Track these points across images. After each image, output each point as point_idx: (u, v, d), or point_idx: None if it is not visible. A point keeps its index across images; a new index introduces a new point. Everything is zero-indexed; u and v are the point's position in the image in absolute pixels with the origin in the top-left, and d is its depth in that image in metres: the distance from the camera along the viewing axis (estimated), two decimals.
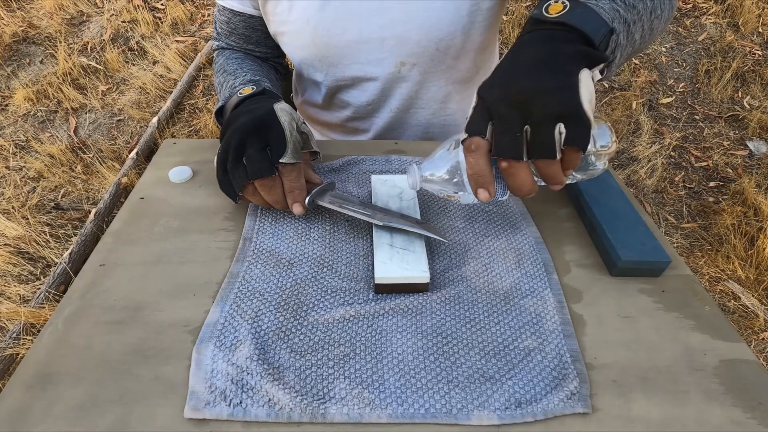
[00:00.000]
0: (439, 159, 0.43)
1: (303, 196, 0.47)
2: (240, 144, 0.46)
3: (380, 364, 0.37)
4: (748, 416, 0.35)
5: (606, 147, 0.41)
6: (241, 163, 0.46)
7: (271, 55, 0.73)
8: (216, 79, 0.67)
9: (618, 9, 0.41)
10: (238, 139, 0.46)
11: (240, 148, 0.46)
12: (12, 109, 2.00)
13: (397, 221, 0.46)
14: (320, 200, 0.48)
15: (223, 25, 0.70)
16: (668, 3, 0.48)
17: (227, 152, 0.46)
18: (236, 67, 0.65)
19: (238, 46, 0.71)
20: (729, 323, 0.42)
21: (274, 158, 0.46)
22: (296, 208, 0.47)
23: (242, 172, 0.46)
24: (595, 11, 0.39)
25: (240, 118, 0.49)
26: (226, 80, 0.62)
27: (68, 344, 0.38)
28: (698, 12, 2.44)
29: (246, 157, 0.46)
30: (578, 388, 0.36)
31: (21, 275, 1.38)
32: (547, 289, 0.44)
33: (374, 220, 0.46)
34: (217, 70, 0.68)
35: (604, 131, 0.42)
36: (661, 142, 1.92)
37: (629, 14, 0.42)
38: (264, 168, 0.45)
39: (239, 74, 0.62)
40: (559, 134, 0.35)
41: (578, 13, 0.39)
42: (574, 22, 0.39)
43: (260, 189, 0.46)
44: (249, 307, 0.41)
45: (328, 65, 0.67)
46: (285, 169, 0.46)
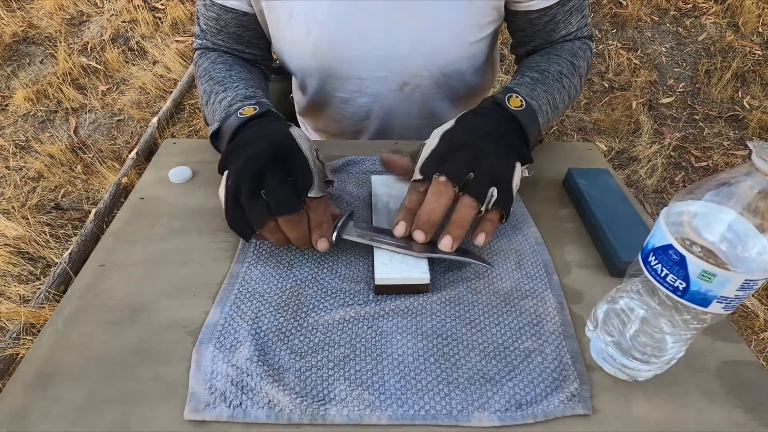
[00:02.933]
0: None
1: (330, 230, 0.43)
2: (258, 174, 0.41)
3: (380, 366, 0.37)
4: (749, 417, 0.35)
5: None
6: (260, 197, 0.41)
7: (260, 58, 0.67)
8: (201, 86, 0.60)
9: (548, 113, 0.53)
10: (256, 168, 0.41)
11: (257, 180, 0.41)
12: (12, 109, 2.00)
13: (437, 252, 0.43)
14: (346, 234, 0.44)
15: (210, 22, 0.63)
16: (580, 84, 0.61)
17: (240, 183, 0.41)
18: (224, 75, 0.58)
19: (226, 46, 0.64)
20: (729, 324, 0.42)
21: (299, 192, 0.42)
22: (322, 244, 0.42)
23: (263, 208, 0.41)
24: (538, 120, 0.50)
25: (252, 143, 0.44)
26: (214, 90, 0.56)
27: (68, 344, 0.38)
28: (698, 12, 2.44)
29: (267, 191, 0.41)
30: (579, 390, 0.36)
31: (21, 275, 1.38)
32: (548, 290, 0.44)
33: (411, 252, 0.43)
34: (201, 75, 0.61)
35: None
36: (661, 142, 1.92)
37: (553, 114, 0.55)
38: (290, 203, 0.41)
39: (229, 85, 0.56)
40: (491, 195, 0.42)
41: (527, 116, 0.48)
42: (523, 123, 0.48)
43: (284, 226, 0.41)
44: (249, 308, 0.41)
45: (326, 76, 0.65)
46: (312, 203, 0.42)
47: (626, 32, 2.38)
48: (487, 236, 0.43)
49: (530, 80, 0.54)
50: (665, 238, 0.30)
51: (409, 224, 0.43)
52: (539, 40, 0.64)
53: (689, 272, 0.29)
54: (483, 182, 0.42)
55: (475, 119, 0.47)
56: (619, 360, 0.36)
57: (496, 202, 0.42)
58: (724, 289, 0.28)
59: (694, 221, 0.30)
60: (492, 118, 0.47)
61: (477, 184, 0.42)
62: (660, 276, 0.31)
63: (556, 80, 0.56)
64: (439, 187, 0.42)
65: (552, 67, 0.57)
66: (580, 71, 0.61)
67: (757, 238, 0.27)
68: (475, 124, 0.46)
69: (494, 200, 0.42)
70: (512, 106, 0.48)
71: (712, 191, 0.29)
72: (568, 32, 0.63)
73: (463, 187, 0.42)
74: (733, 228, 0.28)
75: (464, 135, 0.45)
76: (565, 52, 0.60)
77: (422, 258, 0.43)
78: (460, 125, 0.46)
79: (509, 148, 0.45)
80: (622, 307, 0.37)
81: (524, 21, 0.62)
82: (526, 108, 0.49)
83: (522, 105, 0.49)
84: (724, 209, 0.28)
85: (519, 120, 0.48)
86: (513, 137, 0.46)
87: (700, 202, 0.29)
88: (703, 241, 0.29)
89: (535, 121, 0.49)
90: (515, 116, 0.48)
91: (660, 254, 0.31)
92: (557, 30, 0.62)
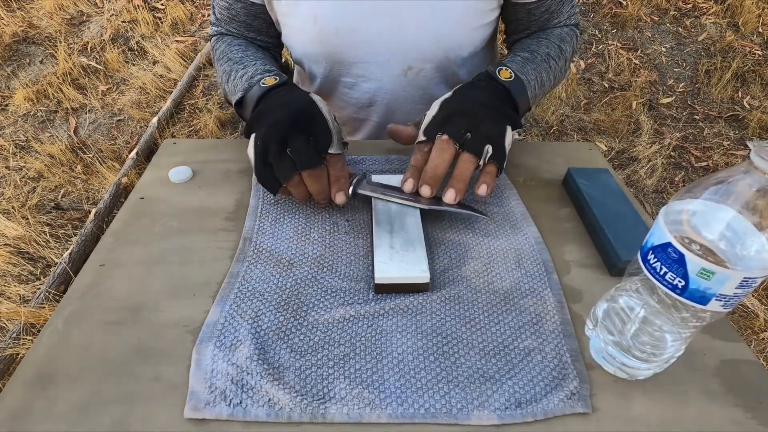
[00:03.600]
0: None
1: (347, 185, 0.49)
2: (283, 135, 0.46)
3: (380, 364, 0.37)
4: (748, 416, 0.35)
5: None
6: (285, 155, 0.46)
7: (271, 45, 0.71)
8: (220, 67, 0.65)
9: (536, 88, 0.58)
10: (282, 131, 0.46)
11: (283, 140, 0.46)
12: (12, 109, 2.00)
13: (441, 204, 0.48)
14: (361, 189, 0.50)
15: (223, 10, 0.67)
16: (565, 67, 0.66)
17: (268, 144, 0.46)
18: (242, 54, 0.63)
19: (239, 33, 0.69)
20: (729, 323, 0.42)
21: (320, 149, 0.47)
22: (340, 197, 0.48)
23: (289, 164, 0.46)
24: (527, 91, 0.55)
25: (276, 109, 0.49)
26: (234, 69, 0.60)
27: (68, 344, 0.38)
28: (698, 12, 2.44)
29: (292, 149, 0.46)
30: (578, 388, 0.36)
31: (21, 275, 1.38)
32: (547, 289, 0.44)
33: (418, 205, 0.49)
34: (219, 57, 0.66)
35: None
36: (661, 142, 1.92)
37: (540, 91, 0.60)
38: (312, 159, 0.46)
39: (248, 63, 0.60)
40: (486, 151, 0.47)
41: (517, 87, 0.54)
42: (514, 93, 0.53)
43: (307, 180, 0.47)
44: (249, 307, 0.41)
45: (332, 62, 0.66)
46: (332, 159, 0.48)
47: (626, 32, 2.39)
48: (488, 187, 0.47)
49: (521, 58, 0.59)
50: (664, 237, 0.30)
51: (416, 180, 0.48)
52: (534, 28, 0.67)
53: (688, 270, 0.29)
54: (479, 141, 0.47)
55: (471, 91, 0.51)
56: (619, 358, 0.36)
57: (492, 158, 0.47)
58: (722, 287, 0.29)
59: (693, 220, 0.30)
60: (486, 89, 0.52)
61: (474, 142, 0.47)
62: (659, 274, 0.31)
63: (543, 60, 0.60)
64: (442, 145, 0.47)
65: (541, 49, 0.62)
66: (566, 55, 0.65)
67: (756, 237, 0.27)
68: (471, 95, 0.51)
69: (489, 155, 0.47)
70: (503, 78, 0.53)
71: (711, 190, 0.29)
72: (559, 21, 0.67)
73: (461, 146, 0.47)
74: (732, 226, 0.28)
75: (461, 103, 0.50)
76: (554, 36, 0.65)
77: (422, 256, 0.43)
78: (457, 95, 0.51)
79: (501, 114, 0.50)
80: (622, 306, 0.37)
81: (522, 12, 0.65)
82: (515, 79, 0.54)
83: (511, 76, 0.54)
84: (723, 207, 0.28)
85: (509, 89, 0.53)
86: (504, 106, 0.51)
87: (699, 201, 0.30)
88: (702, 239, 0.29)
89: (524, 91, 0.54)
90: (506, 86, 0.53)
91: (659, 252, 0.31)
92: (551, 19, 0.66)
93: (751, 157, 0.27)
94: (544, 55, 0.61)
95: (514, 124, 0.50)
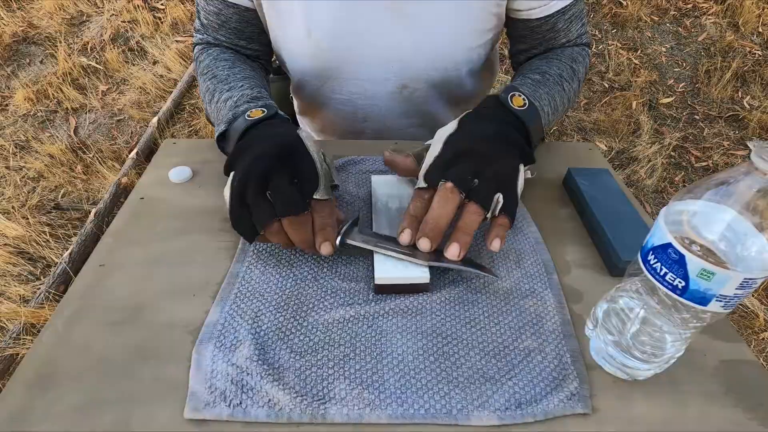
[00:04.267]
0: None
1: (334, 234, 0.42)
2: (264, 174, 0.41)
3: (380, 365, 0.37)
4: (748, 417, 0.35)
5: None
6: (264, 197, 0.41)
7: (261, 53, 0.66)
8: (203, 84, 0.59)
9: (549, 114, 0.53)
10: (262, 169, 0.41)
11: (263, 179, 0.41)
12: (12, 109, 2.00)
13: (442, 260, 0.42)
14: (351, 239, 0.43)
15: (211, 16, 0.62)
16: (579, 89, 0.62)
17: (246, 183, 0.41)
18: (228, 73, 0.58)
19: (228, 41, 0.64)
20: (729, 323, 0.42)
21: (305, 192, 0.42)
22: (325, 248, 0.41)
23: (267, 207, 0.40)
24: (540, 120, 0.50)
25: (259, 143, 0.44)
26: (218, 89, 0.56)
27: (68, 344, 0.38)
28: (698, 12, 2.44)
29: (272, 191, 0.41)
30: (578, 389, 0.36)
31: (21, 275, 1.38)
32: (547, 290, 0.44)
33: (416, 261, 0.42)
34: (203, 72, 0.60)
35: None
36: (661, 142, 1.92)
37: (553, 116, 0.55)
38: (296, 203, 0.40)
39: (234, 84, 0.55)
40: (497, 201, 0.42)
41: (531, 116, 0.49)
42: (527, 123, 0.48)
43: (288, 227, 0.41)
44: (249, 308, 0.41)
45: (325, 77, 0.65)
46: (318, 205, 0.42)
47: (626, 32, 2.39)
48: (501, 241, 0.42)
49: (532, 81, 0.55)
50: (664, 237, 0.30)
51: (414, 232, 0.42)
52: (540, 48, 0.64)
53: (688, 271, 0.29)
54: (488, 189, 0.42)
55: (478, 122, 0.47)
56: (619, 359, 0.36)
57: (503, 208, 0.42)
58: (723, 287, 0.28)
59: (694, 220, 0.30)
60: (494, 119, 0.47)
61: (482, 191, 0.42)
62: (659, 275, 0.31)
63: (556, 83, 0.56)
64: (445, 194, 0.41)
65: (552, 70, 0.58)
66: (579, 76, 0.61)
67: (756, 237, 0.27)
68: (478, 128, 0.46)
69: (501, 206, 0.42)
70: (515, 106, 0.48)
71: (711, 190, 0.29)
72: (568, 40, 0.63)
73: (468, 194, 0.42)
74: (732, 227, 0.28)
75: (468, 140, 0.45)
76: (564, 56, 0.61)
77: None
78: (462, 129, 0.46)
79: (512, 151, 0.45)
80: (622, 307, 0.37)
81: (525, 29, 0.62)
82: (529, 107, 0.49)
83: (525, 104, 0.49)
84: (724, 208, 0.28)
85: (522, 120, 0.48)
86: (516, 139, 0.46)
87: (699, 201, 0.29)
88: (703, 240, 0.29)
89: (538, 120, 0.49)
90: (518, 116, 0.48)
91: (659, 253, 0.31)
92: (557, 38, 0.63)
93: (752, 157, 0.27)
94: (556, 77, 0.56)
95: (526, 159, 0.46)
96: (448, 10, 0.58)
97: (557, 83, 0.56)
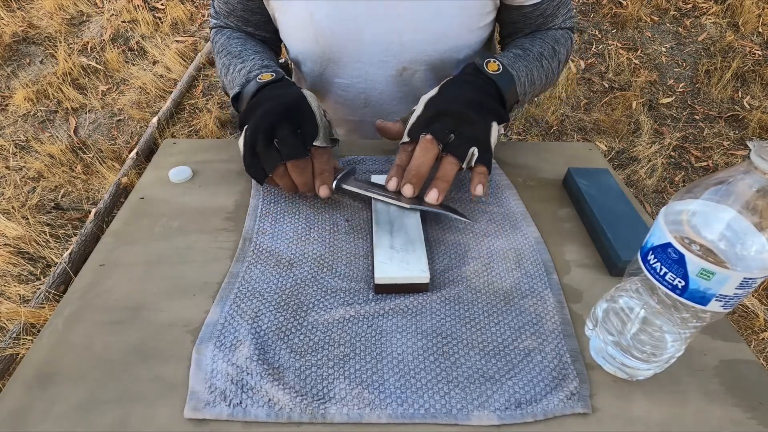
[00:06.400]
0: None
1: (331, 178, 0.49)
2: (271, 126, 0.47)
3: (380, 365, 0.37)
4: (748, 416, 0.35)
5: None
6: (272, 146, 0.47)
7: (270, 39, 0.71)
8: (219, 60, 0.66)
9: (526, 84, 0.58)
10: (270, 122, 0.47)
11: (271, 131, 0.47)
12: (12, 109, 2.00)
13: (423, 204, 0.48)
14: (346, 184, 0.50)
15: (221, 4, 0.68)
16: (558, 69, 0.66)
17: (256, 134, 0.47)
18: (240, 48, 0.63)
19: (237, 27, 0.69)
20: (729, 323, 0.42)
21: (307, 141, 0.48)
22: (323, 191, 0.48)
23: (274, 154, 0.47)
24: (515, 84, 0.55)
25: (267, 101, 0.50)
26: (232, 63, 0.61)
27: (68, 344, 0.38)
28: (698, 12, 2.44)
29: (279, 140, 0.47)
30: (578, 388, 0.36)
31: (21, 275, 1.38)
32: (547, 289, 0.44)
33: (401, 204, 0.48)
34: (219, 50, 0.66)
35: None
36: (661, 142, 1.92)
37: (530, 88, 0.59)
38: (298, 150, 0.47)
39: (246, 57, 0.61)
40: (472, 154, 0.48)
41: (505, 80, 0.54)
42: (501, 86, 0.53)
43: (292, 170, 0.48)
44: (249, 308, 0.41)
45: (327, 61, 0.66)
46: (317, 152, 0.49)
47: (626, 32, 2.39)
48: (483, 186, 0.48)
49: (513, 54, 0.59)
50: (664, 237, 0.30)
51: (400, 179, 0.49)
52: (528, 31, 0.67)
53: (688, 271, 0.29)
54: (463, 143, 0.48)
55: (456, 87, 0.52)
56: (619, 359, 0.36)
57: (478, 159, 0.48)
58: (723, 287, 0.28)
59: (693, 220, 0.30)
60: (472, 84, 0.52)
61: (458, 145, 0.48)
62: (659, 275, 0.31)
63: (536, 59, 0.61)
64: (425, 144, 0.48)
65: (534, 48, 0.62)
66: (559, 57, 0.65)
67: (756, 237, 0.27)
68: (455, 92, 0.51)
69: (476, 158, 0.48)
70: (490, 70, 0.53)
71: (710, 190, 0.29)
72: (554, 24, 0.67)
73: (445, 147, 0.48)
74: (732, 226, 0.28)
75: (446, 102, 0.50)
76: (548, 36, 0.65)
77: (422, 256, 0.43)
78: (442, 93, 0.52)
79: (486, 110, 0.50)
80: (622, 306, 0.37)
81: (517, 14, 0.65)
82: (503, 71, 0.54)
83: (499, 69, 0.54)
84: (723, 208, 0.28)
85: (496, 83, 0.53)
86: (490, 100, 0.52)
87: (699, 201, 0.29)
88: (702, 239, 0.29)
89: (512, 84, 0.54)
90: (493, 79, 0.53)
91: (659, 253, 0.31)
92: (546, 23, 0.66)
93: (752, 157, 0.27)
94: (536, 54, 0.61)
95: (500, 118, 0.51)
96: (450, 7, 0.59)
97: (537, 59, 0.61)
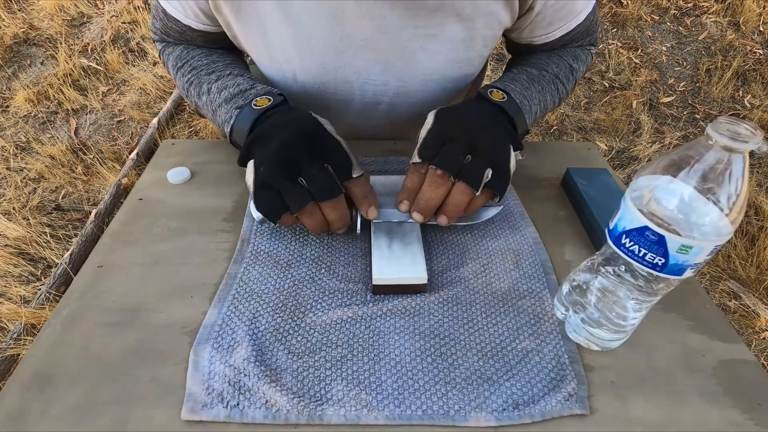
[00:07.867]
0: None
1: (377, 200, 0.46)
2: (294, 161, 0.41)
3: (378, 366, 0.37)
4: (746, 417, 0.35)
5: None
6: (296, 183, 0.41)
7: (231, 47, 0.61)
8: (182, 78, 0.56)
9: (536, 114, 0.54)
10: (290, 158, 0.42)
11: (295, 166, 0.41)
12: (13, 110, 2.00)
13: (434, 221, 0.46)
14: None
15: (172, 32, 0.58)
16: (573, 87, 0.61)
17: (275, 173, 0.41)
18: (206, 61, 0.55)
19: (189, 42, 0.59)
20: (728, 323, 0.42)
21: (340, 176, 0.43)
22: (372, 213, 0.45)
23: (301, 192, 0.41)
24: (523, 112, 0.51)
25: (279, 132, 0.44)
26: (204, 81, 0.53)
27: (66, 345, 0.39)
28: (699, 11, 2.43)
29: (307, 177, 0.41)
30: (576, 389, 0.36)
31: (22, 276, 1.38)
32: (546, 290, 0.44)
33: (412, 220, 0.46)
34: (177, 65, 0.57)
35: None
36: (662, 141, 1.91)
37: (541, 114, 0.56)
38: (333, 188, 0.42)
39: (220, 73, 0.53)
40: (486, 177, 0.43)
41: (512, 107, 0.49)
42: (509, 113, 0.49)
43: (326, 208, 0.42)
44: (246, 309, 0.41)
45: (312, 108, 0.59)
46: (357, 181, 0.44)
47: (626, 31, 2.38)
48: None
49: (526, 77, 0.55)
50: (638, 221, 0.31)
51: (411, 203, 0.46)
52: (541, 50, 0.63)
53: (668, 248, 0.31)
54: (479, 167, 0.43)
55: (465, 105, 0.49)
56: (589, 331, 0.38)
57: (493, 186, 0.44)
58: (697, 257, 0.31)
59: (656, 194, 0.31)
60: (481, 108, 0.49)
61: (472, 171, 0.43)
62: (638, 256, 0.32)
63: (550, 82, 0.56)
64: (435, 179, 0.44)
65: (550, 69, 0.57)
66: (576, 75, 0.61)
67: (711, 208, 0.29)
68: (468, 108, 0.48)
69: (487, 180, 0.43)
70: (494, 98, 0.49)
71: (670, 166, 0.30)
72: (574, 43, 0.62)
73: (460, 171, 0.43)
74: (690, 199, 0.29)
75: (459, 114, 0.46)
76: (567, 54, 0.60)
77: (420, 257, 0.43)
78: (455, 109, 0.47)
79: (502, 130, 0.47)
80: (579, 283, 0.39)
81: (526, 49, 0.62)
82: (508, 100, 0.50)
83: (504, 97, 0.50)
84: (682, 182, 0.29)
85: (504, 110, 0.49)
86: (505, 123, 0.48)
87: (660, 177, 0.31)
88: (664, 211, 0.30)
89: (519, 111, 0.50)
90: (500, 106, 0.49)
91: (635, 236, 0.32)
92: (566, 46, 0.62)
93: (708, 131, 0.28)
94: (551, 77, 0.56)
95: (515, 143, 0.46)
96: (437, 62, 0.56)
97: (551, 83, 0.56)
